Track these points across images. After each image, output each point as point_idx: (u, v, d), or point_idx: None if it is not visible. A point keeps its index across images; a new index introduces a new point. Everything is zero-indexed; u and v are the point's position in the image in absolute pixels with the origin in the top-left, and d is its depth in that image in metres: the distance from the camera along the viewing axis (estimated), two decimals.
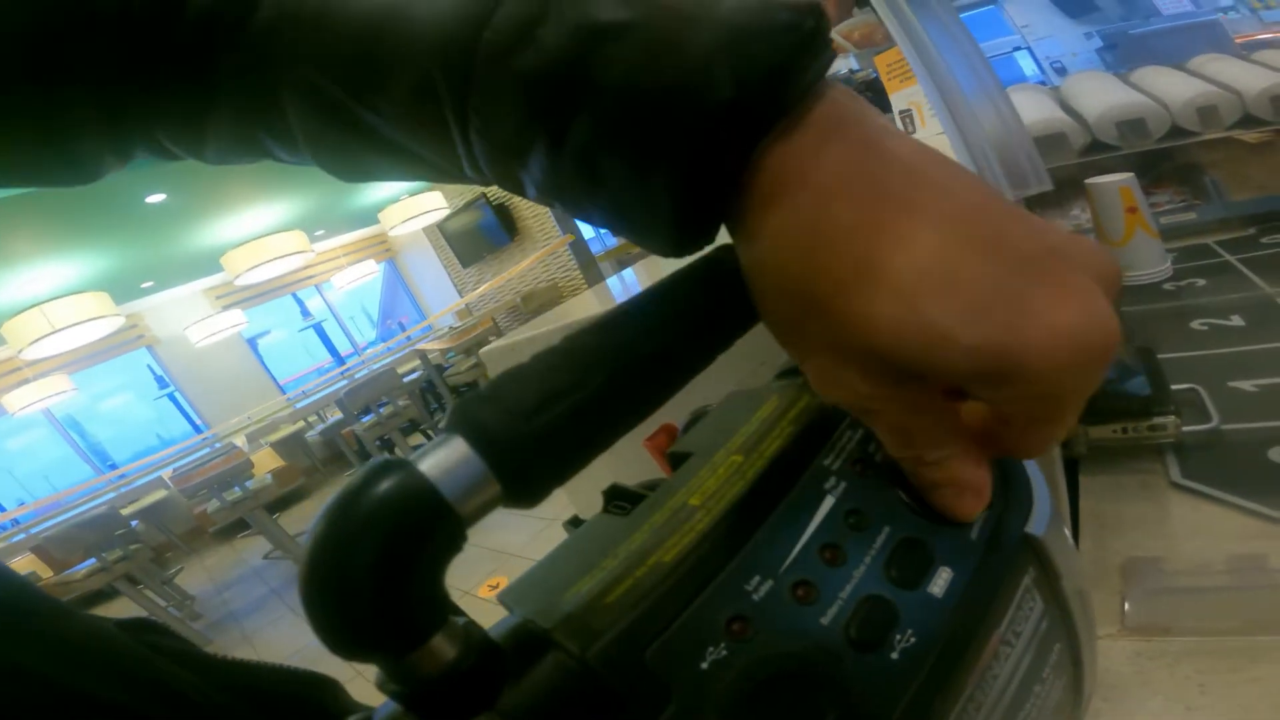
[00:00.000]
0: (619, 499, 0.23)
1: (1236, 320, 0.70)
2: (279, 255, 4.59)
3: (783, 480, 0.18)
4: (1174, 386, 0.58)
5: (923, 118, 1.53)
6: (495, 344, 0.60)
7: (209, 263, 5.26)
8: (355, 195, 5.65)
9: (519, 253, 6.08)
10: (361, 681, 0.18)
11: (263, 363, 6.91)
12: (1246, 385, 0.61)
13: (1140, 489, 0.54)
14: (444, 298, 7.36)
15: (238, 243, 4.74)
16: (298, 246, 4.74)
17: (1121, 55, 0.94)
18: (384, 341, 8.90)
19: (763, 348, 0.22)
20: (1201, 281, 0.78)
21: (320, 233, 6.50)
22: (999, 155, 0.38)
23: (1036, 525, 0.19)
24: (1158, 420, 0.53)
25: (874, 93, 2.82)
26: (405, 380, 4.54)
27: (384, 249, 7.78)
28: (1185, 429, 0.54)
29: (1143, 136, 0.86)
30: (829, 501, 0.18)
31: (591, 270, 5.86)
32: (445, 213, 5.52)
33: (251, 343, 7.02)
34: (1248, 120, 0.81)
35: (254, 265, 4.57)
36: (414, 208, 5.09)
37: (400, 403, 4.39)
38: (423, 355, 4.93)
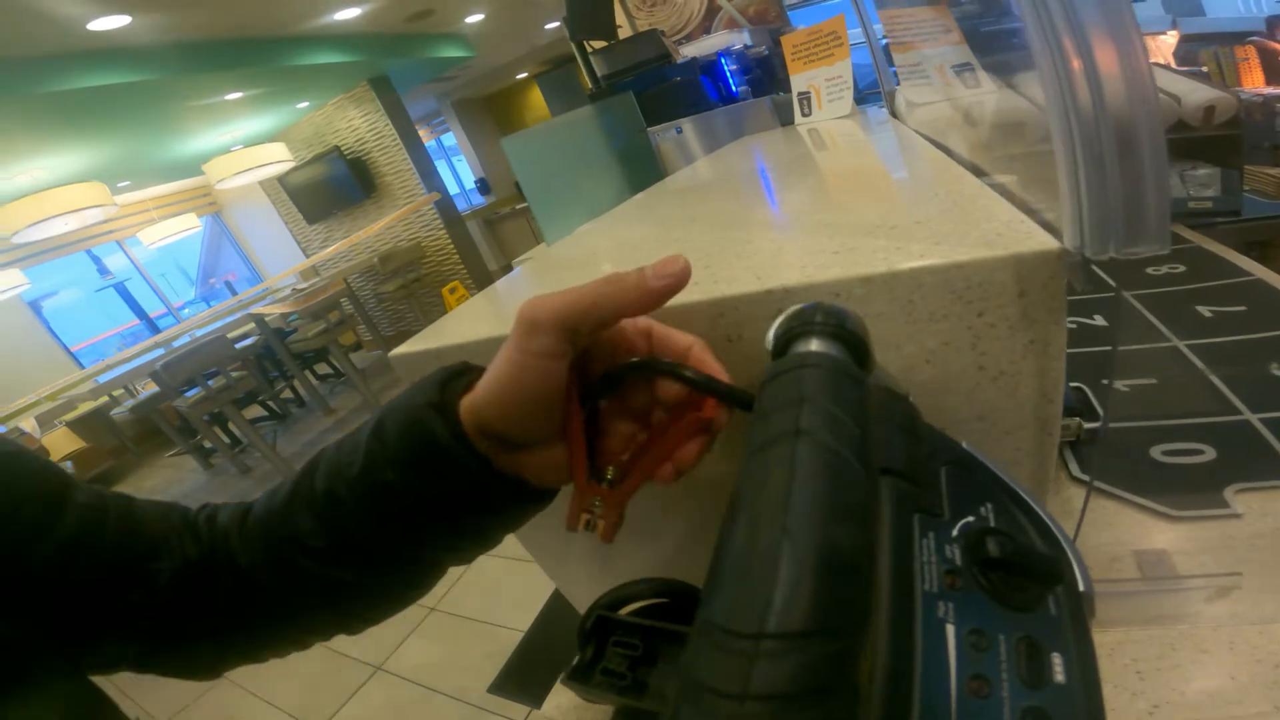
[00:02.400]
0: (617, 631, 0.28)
1: (1099, 320, 0.79)
2: (69, 210, 3.82)
3: (901, 621, 0.18)
4: None
5: (820, 100, 1.58)
6: (407, 348, 0.52)
7: None
8: (170, 145, 4.86)
9: (375, 210, 5.61)
10: None
11: (50, 329, 5.82)
12: (1119, 385, 0.68)
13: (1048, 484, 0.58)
14: (283, 256, 6.63)
15: (16, 196, 3.88)
16: (94, 199, 3.99)
17: None
18: (207, 303, 7.89)
19: None
20: None
21: (125, 184, 5.54)
22: (1120, 168, 0.26)
23: (1084, 583, 0.21)
24: (1065, 421, 0.58)
25: (763, 69, 2.86)
26: (238, 347, 4.05)
27: (207, 202, 6.81)
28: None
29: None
30: (951, 632, 0.18)
31: (458, 229, 5.56)
32: (289, 165, 4.91)
33: (35, 306, 5.88)
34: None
35: (36, 221, 3.77)
36: (249, 159, 4.47)
37: (234, 373, 3.91)
38: (259, 319, 4.40)
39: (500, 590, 2.24)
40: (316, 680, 2.12)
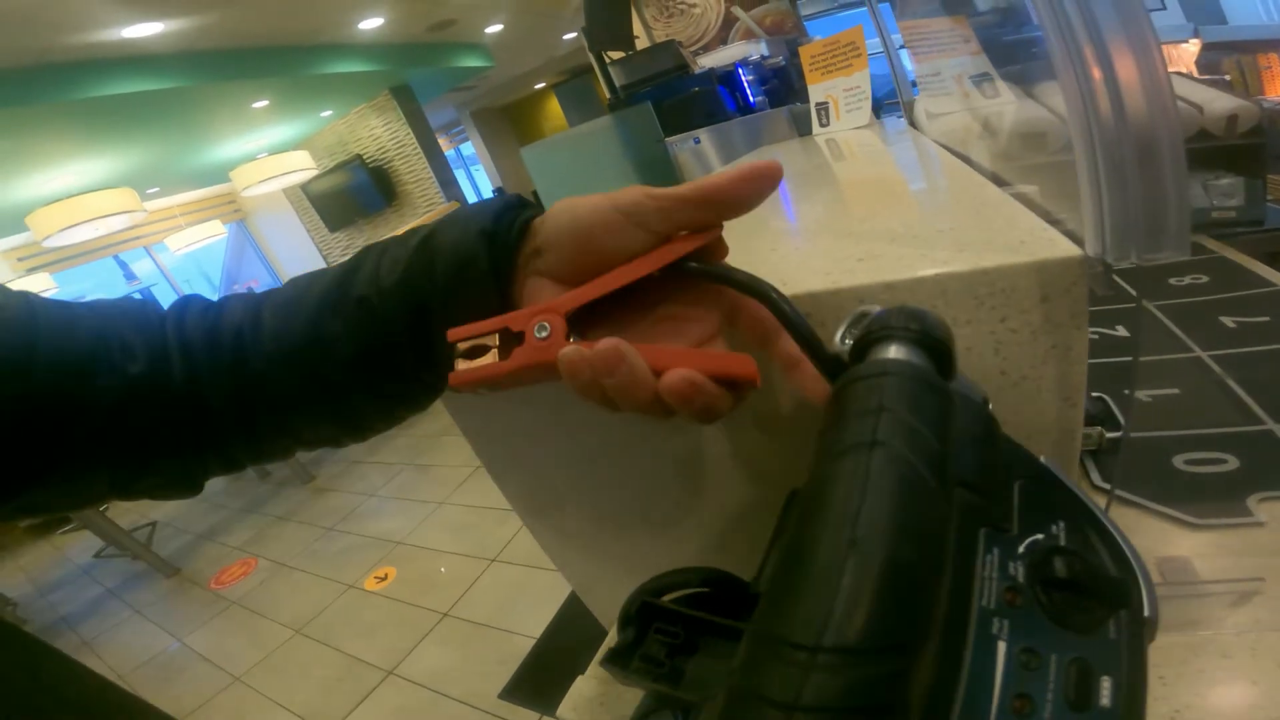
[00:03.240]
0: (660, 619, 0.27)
1: (1121, 330, 0.79)
2: (99, 215, 3.91)
3: (953, 635, 0.18)
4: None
5: (838, 110, 1.59)
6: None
7: (10, 222, 4.40)
8: (198, 152, 4.98)
9: (396, 218, 5.69)
10: None
11: None
12: (1141, 395, 0.68)
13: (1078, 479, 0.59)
14: (305, 264, 6.74)
15: (48, 200, 3.99)
16: (124, 205, 4.08)
17: None
18: None
19: None
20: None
21: (154, 190, 5.68)
22: (1141, 177, 0.27)
23: (1150, 608, 0.20)
24: (1086, 430, 0.58)
25: (780, 80, 2.88)
26: None
27: (233, 209, 6.95)
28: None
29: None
30: (1002, 649, 0.18)
31: None
32: (312, 173, 5.01)
33: None
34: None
35: (67, 226, 3.87)
36: (274, 167, 4.56)
37: None
38: None
39: (514, 597, 2.25)
40: (328, 684, 2.14)
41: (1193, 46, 3.94)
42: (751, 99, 2.61)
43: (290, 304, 0.34)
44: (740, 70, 2.64)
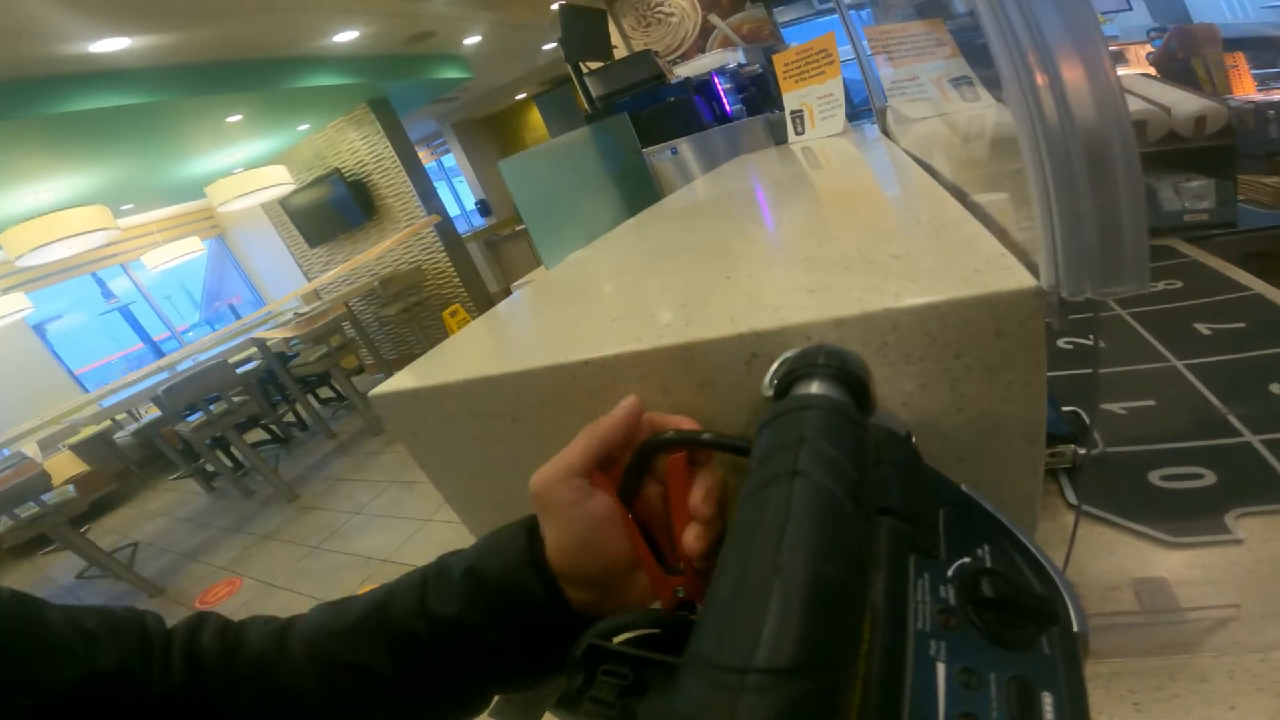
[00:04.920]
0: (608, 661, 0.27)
1: (1101, 342, 0.77)
2: (72, 233, 3.84)
3: (892, 659, 0.19)
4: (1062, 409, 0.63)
5: (812, 119, 1.58)
6: (386, 388, 0.51)
7: None
8: (172, 167, 4.91)
9: (376, 233, 5.64)
10: None
11: (55, 353, 5.84)
12: (1116, 408, 0.67)
13: (1042, 512, 0.57)
14: (286, 280, 6.66)
15: (20, 218, 3.92)
16: (98, 223, 4.01)
17: None
18: (211, 326, 7.94)
19: None
20: None
21: (128, 207, 5.60)
22: (1093, 190, 0.25)
23: (1079, 623, 0.21)
24: (1059, 448, 0.57)
25: (758, 87, 2.88)
26: (240, 371, 4.06)
27: (210, 225, 6.87)
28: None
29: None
30: (942, 670, 0.19)
31: (458, 251, 5.58)
32: (290, 188, 4.95)
33: (39, 330, 5.91)
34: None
35: (40, 245, 3.79)
36: (250, 182, 4.49)
37: (235, 398, 3.91)
38: (261, 344, 4.41)
39: None
40: None
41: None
42: (728, 108, 2.61)
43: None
44: (717, 79, 2.64)
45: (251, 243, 6.99)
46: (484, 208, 7.89)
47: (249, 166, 5.18)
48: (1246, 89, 3.86)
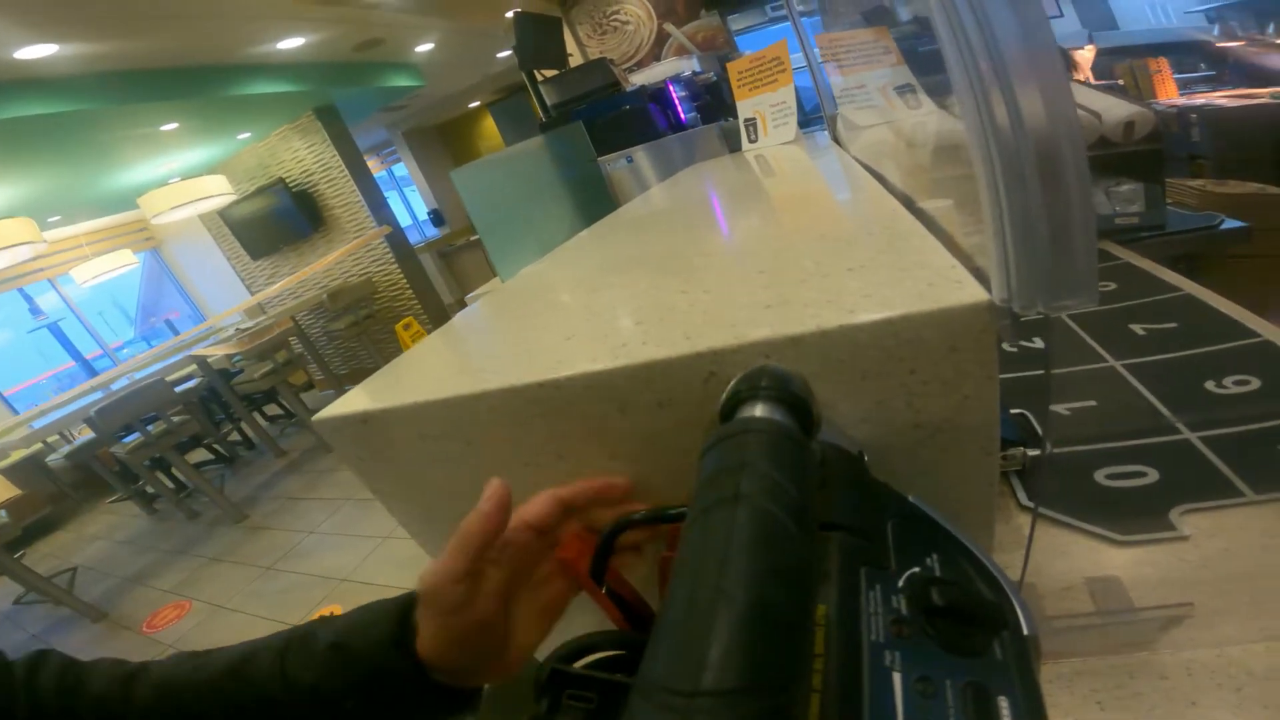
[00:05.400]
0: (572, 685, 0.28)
1: (1039, 343, 0.80)
2: None
3: (849, 672, 0.19)
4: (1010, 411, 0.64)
5: (765, 126, 1.60)
6: (330, 412, 0.49)
7: None
8: (103, 177, 4.67)
9: (323, 244, 5.47)
10: None
11: None
12: (1060, 409, 0.69)
13: (997, 514, 0.58)
14: (227, 294, 6.40)
15: None
16: (23, 236, 3.78)
17: None
18: (147, 343, 7.59)
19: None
20: None
21: (56, 219, 5.30)
22: (1046, 199, 0.25)
23: (1028, 626, 0.21)
24: (1010, 451, 0.58)
25: (711, 95, 2.90)
26: (179, 390, 3.90)
27: (145, 237, 6.56)
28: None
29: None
30: (898, 680, 0.19)
31: (410, 263, 5.46)
32: (230, 198, 4.76)
33: None
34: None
35: None
36: (186, 192, 4.30)
37: (175, 417, 3.75)
38: (201, 361, 4.23)
39: None
40: None
41: (1088, 52, 4.19)
42: (683, 116, 2.63)
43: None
44: (672, 87, 2.65)
45: (189, 256, 6.70)
46: (437, 217, 7.76)
47: (186, 176, 4.96)
48: (1170, 93, 4.07)
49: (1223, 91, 3.54)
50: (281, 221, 5.35)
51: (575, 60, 4.52)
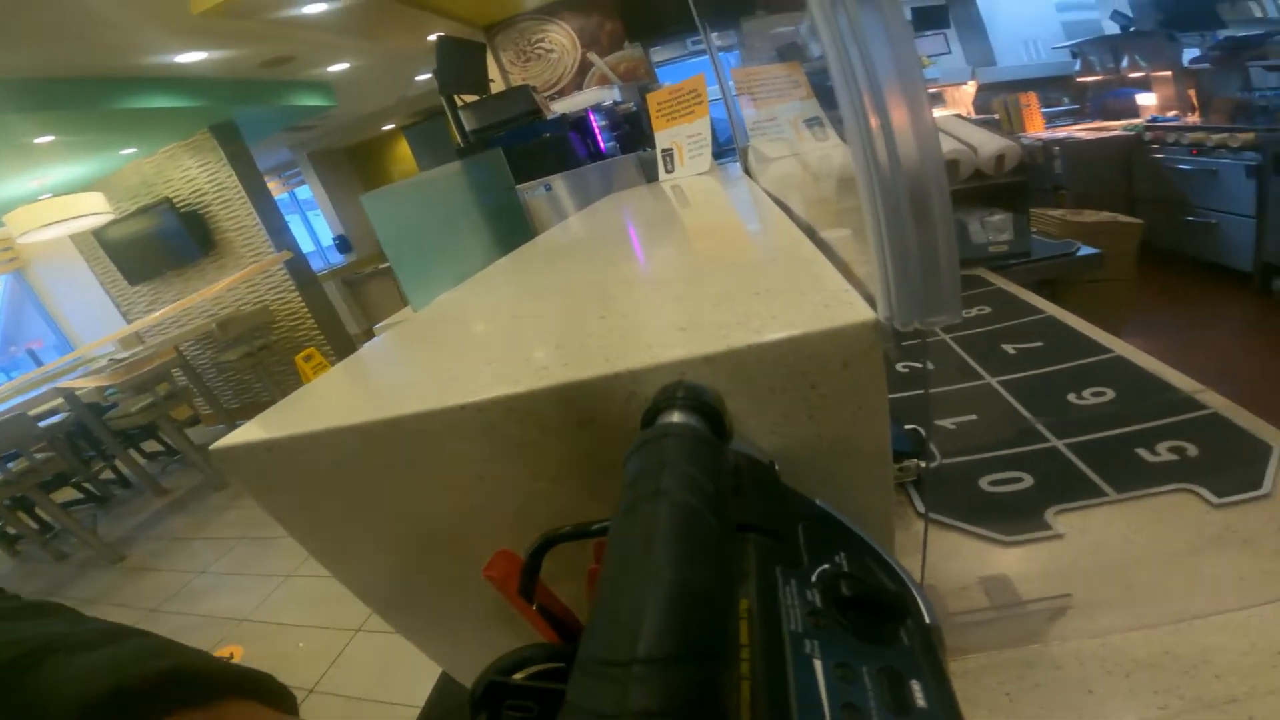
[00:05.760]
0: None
1: (930, 365, 0.87)
2: None
3: (774, 660, 0.20)
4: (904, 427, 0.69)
5: (681, 157, 1.65)
6: (232, 440, 0.47)
7: None
8: None
9: (214, 270, 5.10)
10: None
11: None
12: (947, 423, 0.75)
13: (897, 522, 0.63)
14: (100, 321, 5.82)
15: None
16: None
17: None
18: (6, 375, 6.77)
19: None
20: None
21: None
22: (916, 227, 0.29)
23: (929, 616, 0.24)
24: (905, 463, 0.62)
25: (631, 125, 2.97)
26: (43, 425, 3.54)
27: (9, 258, 5.90)
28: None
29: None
30: (819, 666, 0.21)
31: (313, 291, 5.18)
32: (108, 218, 4.38)
33: None
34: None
35: None
36: (58, 210, 3.91)
37: (38, 455, 3.41)
38: (69, 394, 3.83)
39: (389, 665, 2.03)
40: None
41: (970, 88, 4.63)
42: (603, 145, 2.68)
43: None
44: (593, 116, 2.71)
45: (57, 278, 6.06)
46: (343, 243, 7.43)
47: (58, 193, 4.52)
48: (1037, 126, 4.50)
49: (1082, 125, 3.98)
50: (166, 244, 4.95)
51: (497, 86, 4.52)
